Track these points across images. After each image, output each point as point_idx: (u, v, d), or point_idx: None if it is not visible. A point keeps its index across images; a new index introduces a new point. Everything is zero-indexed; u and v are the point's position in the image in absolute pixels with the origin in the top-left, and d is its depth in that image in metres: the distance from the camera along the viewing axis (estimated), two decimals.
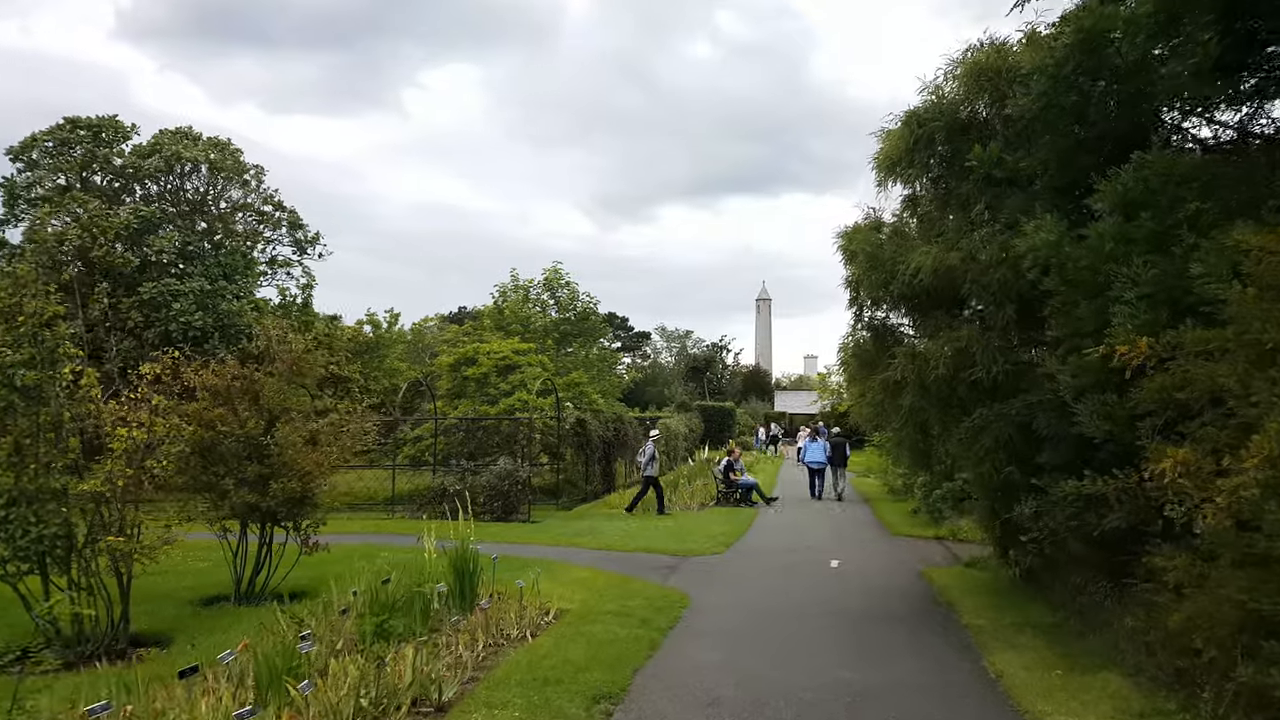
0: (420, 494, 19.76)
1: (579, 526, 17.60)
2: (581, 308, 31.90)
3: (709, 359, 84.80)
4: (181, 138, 28.36)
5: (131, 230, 24.41)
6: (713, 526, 17.66)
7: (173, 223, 26.30)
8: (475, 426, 21.56)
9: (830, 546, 15.20)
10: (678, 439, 34.60)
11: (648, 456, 20.65)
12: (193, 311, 23.83)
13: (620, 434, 25.06)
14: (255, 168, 30.46)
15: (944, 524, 17.05)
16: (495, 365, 23.17)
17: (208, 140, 28.53)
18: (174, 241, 24.78)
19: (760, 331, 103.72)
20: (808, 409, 64.79)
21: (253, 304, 27.00)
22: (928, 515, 18.17)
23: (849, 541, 15.98)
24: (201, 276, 25.53)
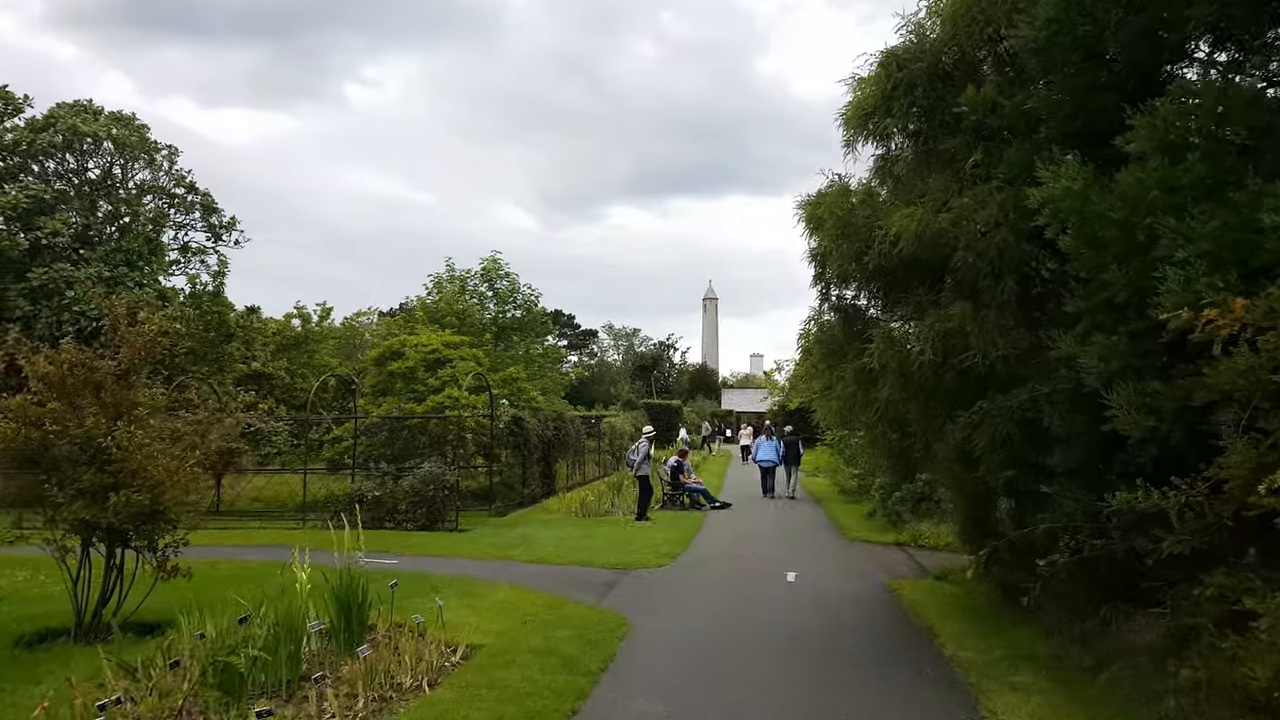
0: (336, 500, 17.91)
1: (512, 535, 15.98)
2: (523, 300, 30.18)
3: (656, 357, 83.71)
4: (80, 111, 25.91)
5: (21, 210, 21.98)
6: (657, 533, 16.20)
7: (70, 204, 23.82)
8: (400, 426, 19.76)
9: (784, 555, 13.85)
10: (623, 438, 33.11)
11: (641, 455, 19.14)
12: (88, 300, 21.53)
13: (561, 433, 23.46)
14: (168, 148, 28.13)
15: (904, 528, 15.87)
16: (423, 359, 21.36)
17: (110, 115, 26.09)
18: (68, 223, 22.40)
19: (707, 330, 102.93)
20: (755, 407, 63.99)
21: (159, 293, 24.69)
22: (885, 518, 16.99)
23: (804, 549, 14.65)
24: (101, 262, 23.23)
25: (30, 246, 22.92)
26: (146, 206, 27.76)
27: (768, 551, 14.34)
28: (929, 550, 14.32)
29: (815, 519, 19.09)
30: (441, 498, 17.22)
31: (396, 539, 15.71)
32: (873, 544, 15.19)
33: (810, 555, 13.93)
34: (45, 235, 22.00)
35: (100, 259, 23.11)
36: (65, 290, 21.39)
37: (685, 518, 18.77)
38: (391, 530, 16.93)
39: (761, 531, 17.11)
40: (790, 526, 17.87)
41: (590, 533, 16.27)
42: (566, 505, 19.83)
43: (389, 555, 14.25)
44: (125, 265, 23.49)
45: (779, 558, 13.59)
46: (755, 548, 14.79)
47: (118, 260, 23.47)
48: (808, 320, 9.36)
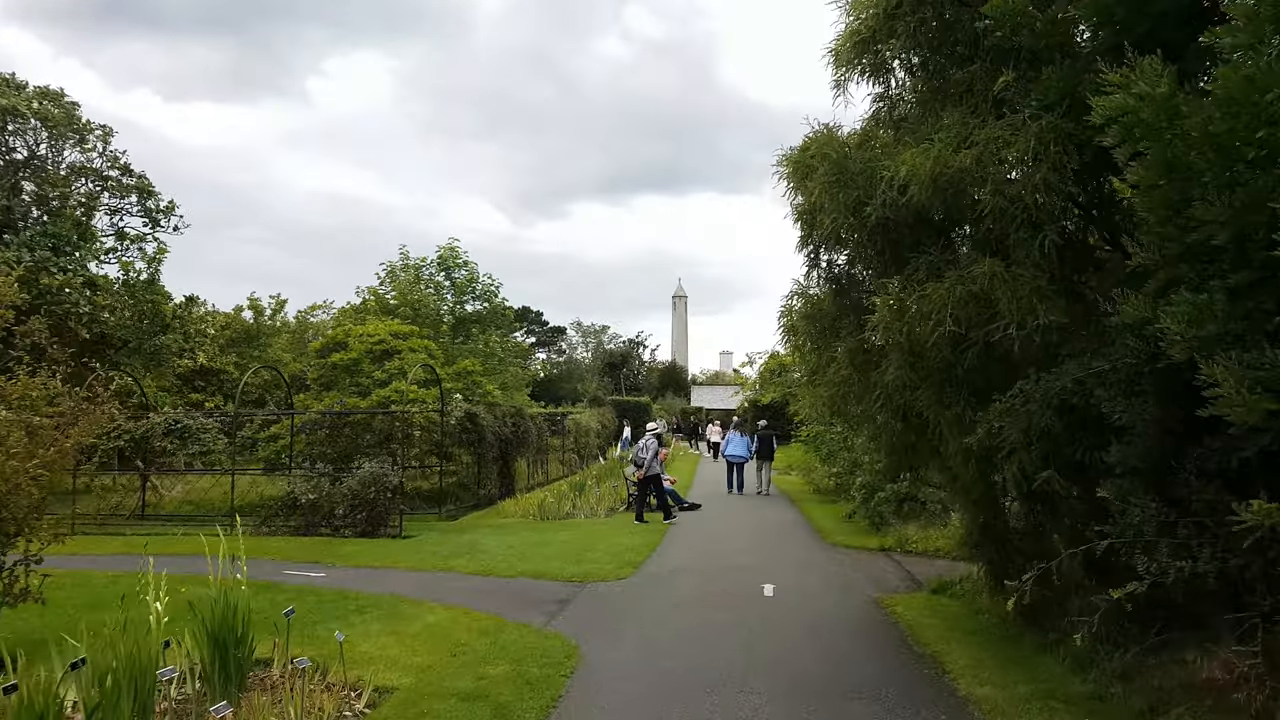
0: (268, 505, 16.28)
1: (459, 542, 14.46)
2: (483, 290, 28.57)
3: (625, 354, 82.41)
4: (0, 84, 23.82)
5: None
6: (621, 538, 14.78)
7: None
8: (341, 423, 18.14)
9: (760, 563, 12.50)
10: (588, 435, 31.67)
11: (650, 454, 17.82)
12: None
13: (521, 430, 21.94)
14: (101, 128, 26.10)
15: (887, 531, 14.62)
16: (368, 350, 19.74)
17: (37, 90, 24.04)
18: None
19: (676, 328, 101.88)
20: (724, 404, 62.91)
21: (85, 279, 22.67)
22: (867, 520, 15.74)
23: (781, 555, 13.31)
24: (24, 247, 21.23)
25: None
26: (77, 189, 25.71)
27: (742, 559, 12.98)
28: (918, 557, 13.06)
29: (791, 521, 17.79)
30: (383, 501, 15.66)
31: (330, 548, 14.16)
32: (855, 550, 13.90)
33: (788, 563, 12.59)
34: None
35: (23, 244, 21.12)
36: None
37: (652, 520, 17.37)
38: (327, 537, 15.36)
39: (734, 535, 15.76)
40: (765, 529, 16.54)
41: (547, 538, 14.81)
42: (524, 507, 18.35)
43: (318, 567, 12.72)
44: (50, 250, 21.52)
45: (754, 566, 12.23)
46: (728, 554, 13.43)
47: (42, 244, 21.49)
48: (790, 295, 8.01)
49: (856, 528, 15.85)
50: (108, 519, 17.76)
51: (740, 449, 24.06)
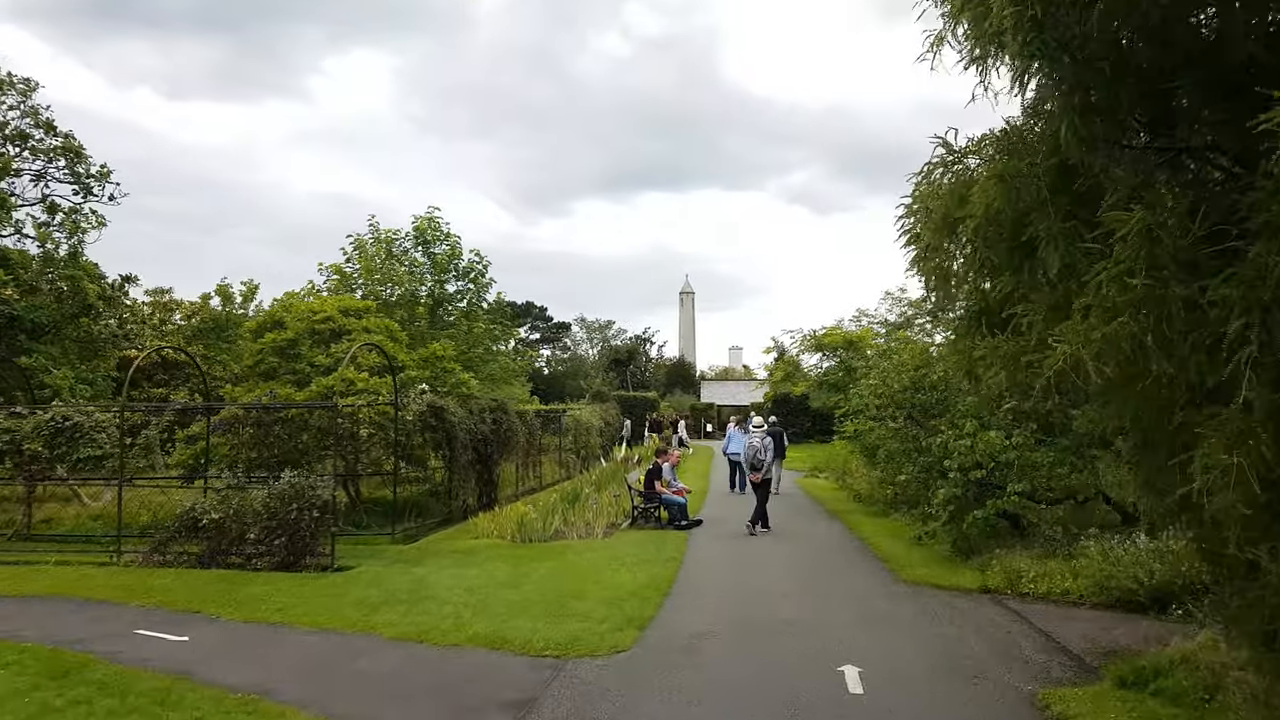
0: (164, 526, 12.47)
1: (402, 581, 10.66)
2: (467, 268, 24.67)
3: (632, 351, 78.65)
4: None
5: None
6: (620, 572, 10.93)
7: None
8: (270, 419, 14.34)
9: (822, 619, 8.64)
10: (590, 434, 27.86)
11: (771, 455, 14.98)
12: None
13: (503, 428, 18.13)
14: (24, 80, 22.35)
15: (984, 563, 10.76)
16: (310, 329, 15.95)
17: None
18: None
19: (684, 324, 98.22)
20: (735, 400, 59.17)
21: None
22: (949, 545, 11.88)
23: (848, 603, 9.45)
24: None
25: None
26: None
27: (792, 608, 9.12)
28: (1043, 604, 9.21)
29: (841, 542, 13.93)
30: (308, 522, 11.85)
31: (228, 588, 10.40)
32: (948, 591, 10.03)
33: (863, 619, 8.73)
34: None
35: None
36: None
37: (661, 542, 13.54)
38: (236, 569, 11.59)
39: (772, 564, 11.91)
40: (812, 556, 12.69)
41: (522, 572, 10.98)
42: (502, 523, 14.52)
43: (195, 621, 9.02)
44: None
45: (815, 624, 8.39)
46: (770, 598, 9.58)
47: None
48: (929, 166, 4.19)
49: (934, 555, 11.99)
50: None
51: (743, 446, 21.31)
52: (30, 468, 13.88)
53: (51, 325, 20.47)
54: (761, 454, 14.78)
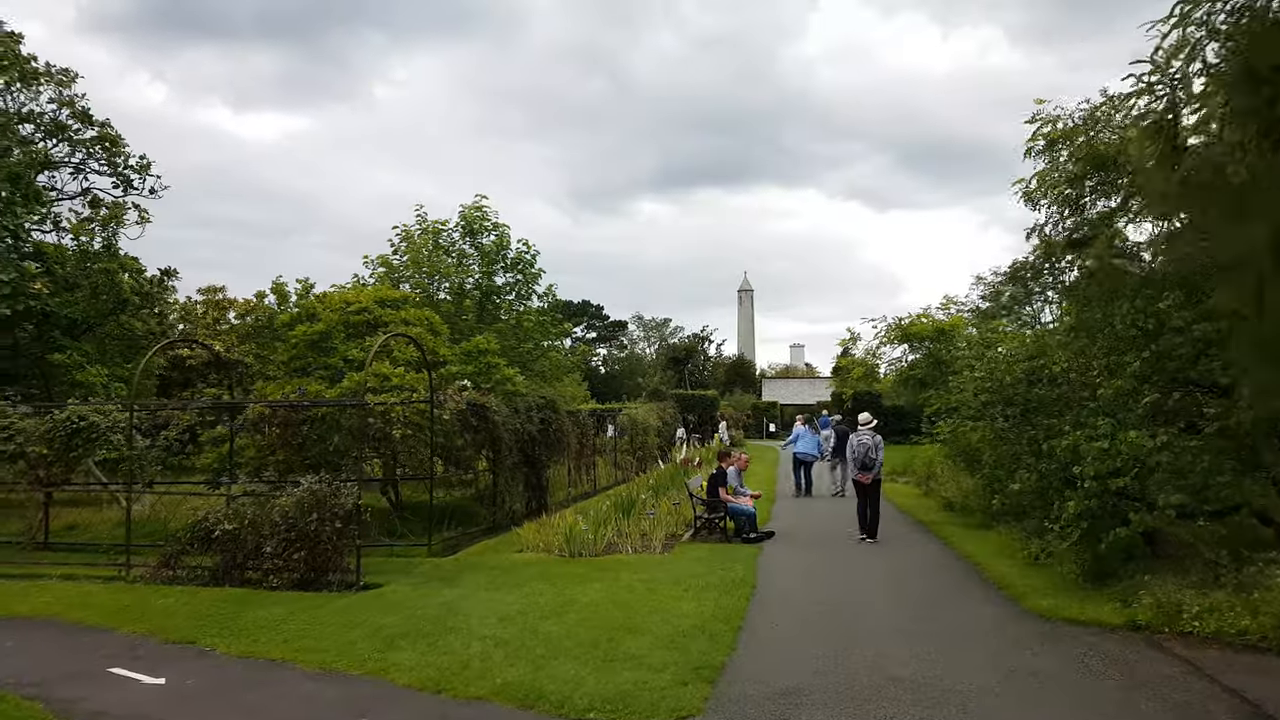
0: (176, 538, 11.24)
1: (430, 606, 9.20)
2: (515, 258, 23.28)
3: (690, 349, 76.91)
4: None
5: None
6: (682, 599, 9.29)
7: None
8: (298, 418, 13.08)
9: (944, 673, 6.85)
10: (646, 434, 26.27)
11: (881, 455, 13.73)
12: None
13: (552, 428, 16.67)
14: (61, 71, 21.68)
15: (1125, 589, 8.83)
16: (343, 321, 14.69)
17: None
18: None
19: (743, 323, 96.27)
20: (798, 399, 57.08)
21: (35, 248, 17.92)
22: (1076, 568, 9.93)
23: (970, 648, 7.62)
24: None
25: None
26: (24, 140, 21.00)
27: (902, 653, 7.35)
28: (1221, 648, 7.29)
29: (942, 561, 12.04)
30: (331, 534, 10.49)
31: (235, 610, 9.11)
32: (1087, 628, 8.15)
33: (997, 673, 6.90)
34: None
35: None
36: None
37: (728, 558, 11.87)
38: (248, 588, 10.29)
39: (862, 590, 10.13)
40: (910, 579, 10.86)
41: (567, 597, 9.42)
42: (549, 535, 13.00)
43: (185, 654, 7.73)
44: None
45: (936, 682, 6.60)
46: (872, 640, 7.81)
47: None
48: None
49: (1056, 579, 10.06)
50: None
51: (810, 446, 20.60)
52: (38, 471, 12.87)
53: (86, 322, 19.69)
54: (873, 452, 13.36)
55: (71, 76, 21.68)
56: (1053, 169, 10.20)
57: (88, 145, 22.18)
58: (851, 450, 13.87)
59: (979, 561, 11.58)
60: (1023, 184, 12.02)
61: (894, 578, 10.85)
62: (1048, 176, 10.26)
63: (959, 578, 10.81)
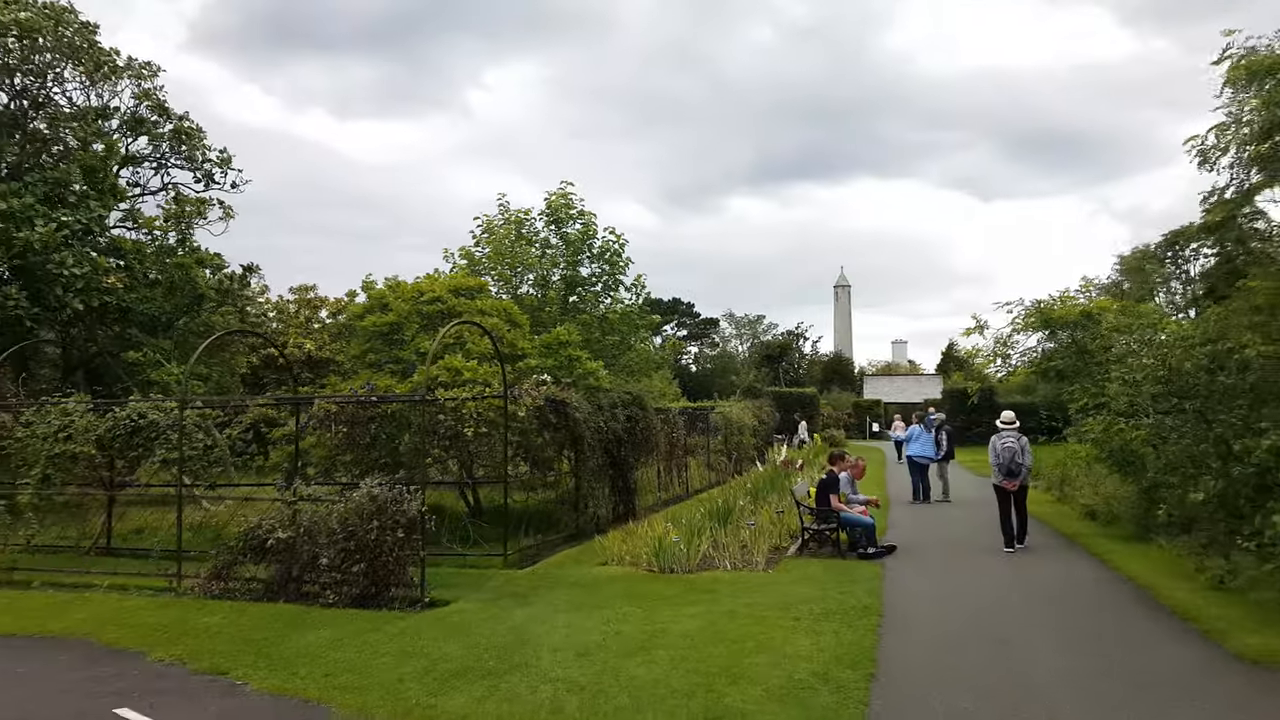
0: (230, 546, 10.28)
1: (499, 629, 7.92)
2: (602, 248, 22.01)
3: (784, 346, 74.50)
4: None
5: None
6: (795, 633, 7.70)
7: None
8: (364, 415, 12.06)
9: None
10: (741, 433, 24.63)
11: (1029, 459, 12.41)
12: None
13: (639, 426, 15.26)
14: (144, 65, 21.52)
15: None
16: (416, 310, 13.64)
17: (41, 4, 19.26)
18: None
19: (839, 319, 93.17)
20: (902, 396, 54.33)
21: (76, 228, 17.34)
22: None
23: (1178, 709, 5.81)
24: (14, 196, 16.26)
25: None
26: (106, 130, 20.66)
27: (1087, 718, 5.61)
28: None
29: (1103, 584, 10.03)
30: (392, 544, 9.32)
31: (283, 632, 8.07)
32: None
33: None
34: None
35: (12, 192, 16.34)
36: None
37: (845, 578, 10.20)
38: (303, 605, 9.23)
39: (1017, 621, 8.32)
40: (1069, 606, 8.97)
41: (659, 623, 7.97)
42: (636, 545, 11.57)
43: (221, 684, 6.63)
44: (42, 199, 16.72)
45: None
46: (1042, 696, 6.08)
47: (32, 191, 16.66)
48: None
49: (1255, 608, 8.04)
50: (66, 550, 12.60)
51: (926, 448, 18.69)
52: (100, 472, 12.23)
53: (164, 318, 19.35)
54: (1019, 456, 11.79)
55: (153, 70, 21.46)
56: (1269, 103, 8.19)
57: (168, 140, 21.95)
58: (995, 454, 12.05)
59: (1148, 584, 9.58)
60: (1196, 141, 10.05)
61: (1050, 604, 8.99)
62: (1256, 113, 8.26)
63: (1129, 605, 8.86)
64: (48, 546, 12.63)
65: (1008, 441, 11.88)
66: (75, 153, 18.94)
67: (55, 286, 15.92)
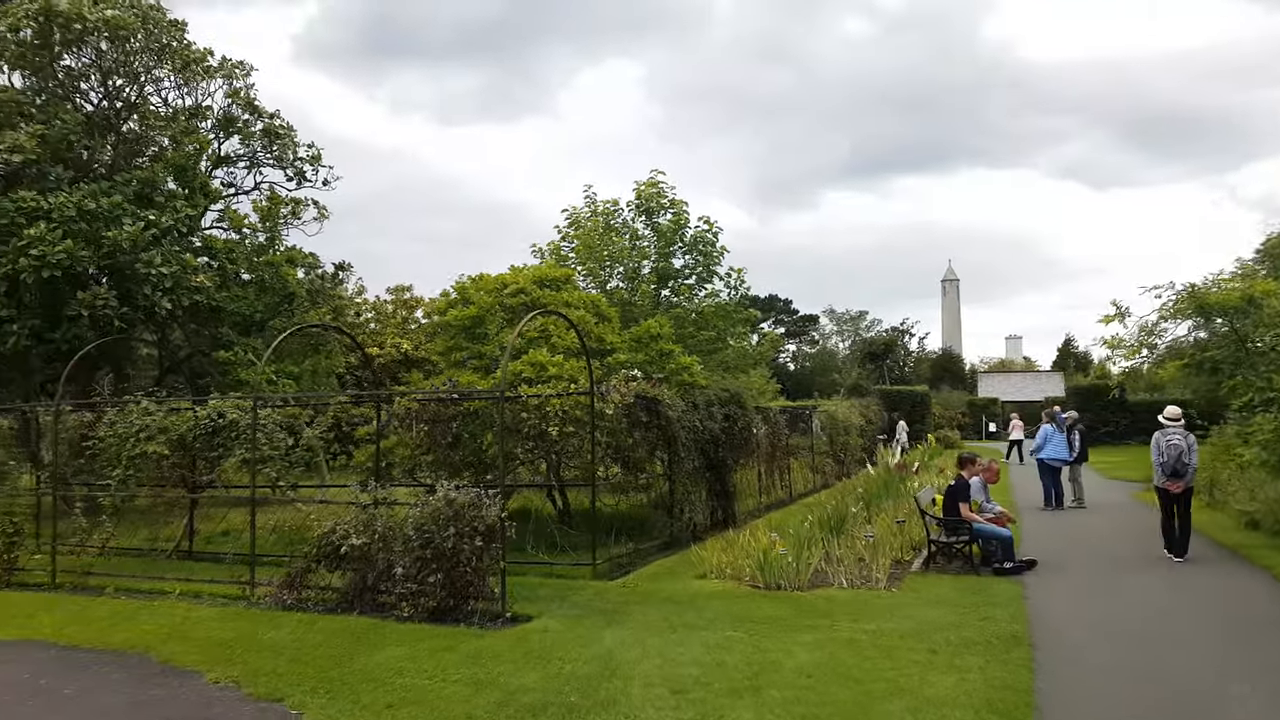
0: (304, 552, 9.67)
1: (586, 655, 6.97)
2: (695, 238, 20.94)
3: (888, 343, 71.71)
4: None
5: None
6: (932, 670, 6.43)
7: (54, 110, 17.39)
8: (446, 413, 11.35)
9: None
10: (848, 434, 23.11)
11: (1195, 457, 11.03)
12: (55, 239, 14.99)
13: (738, 426, 14.12)
14: (236, 64, 21.54)
15: None
16: (498, 303, 12.89)
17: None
18: (33, 140, 15.93)
19: (947, 314, 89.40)
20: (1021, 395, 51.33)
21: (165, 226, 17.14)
22: None
23: None
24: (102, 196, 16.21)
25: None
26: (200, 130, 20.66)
27: None
28: None
29: None
30: (470, 552, 8.49)
31: (350, 649, 7.34)
32: None
33: None
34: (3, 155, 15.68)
35: (102, 192, 16.39)
36: (25, 228, 14.93)
37: (983, 599, 8.84)
38: (376, 618, 8.51)
39: (1198, 655, 6.85)
40: (1258, 639, 7.39)
41: (768, 654, 6.84)
42: (737, 557, 10.43)
43: (275, 711, 5.85)
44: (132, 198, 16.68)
45: None
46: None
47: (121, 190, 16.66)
48: None
49: None
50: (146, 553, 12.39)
51: (1059, 449, 17.02)
52: (181, 473, 11.93)
53: (256, 318, 19.27)
54: (1186, 455, 10.43)
55: (246, 70, 21.43)
56: None
57: (259, 138, 21.89)
58: (1159, 452, 10.52)
59: None
60: None
61: (1227, 632, 7.46)
62: None
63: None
64: (132, 550, 12.45)
65: (1173, 439, 10.37)
66: (166, 153, 19.05)
67: (144, 286, 15.90)
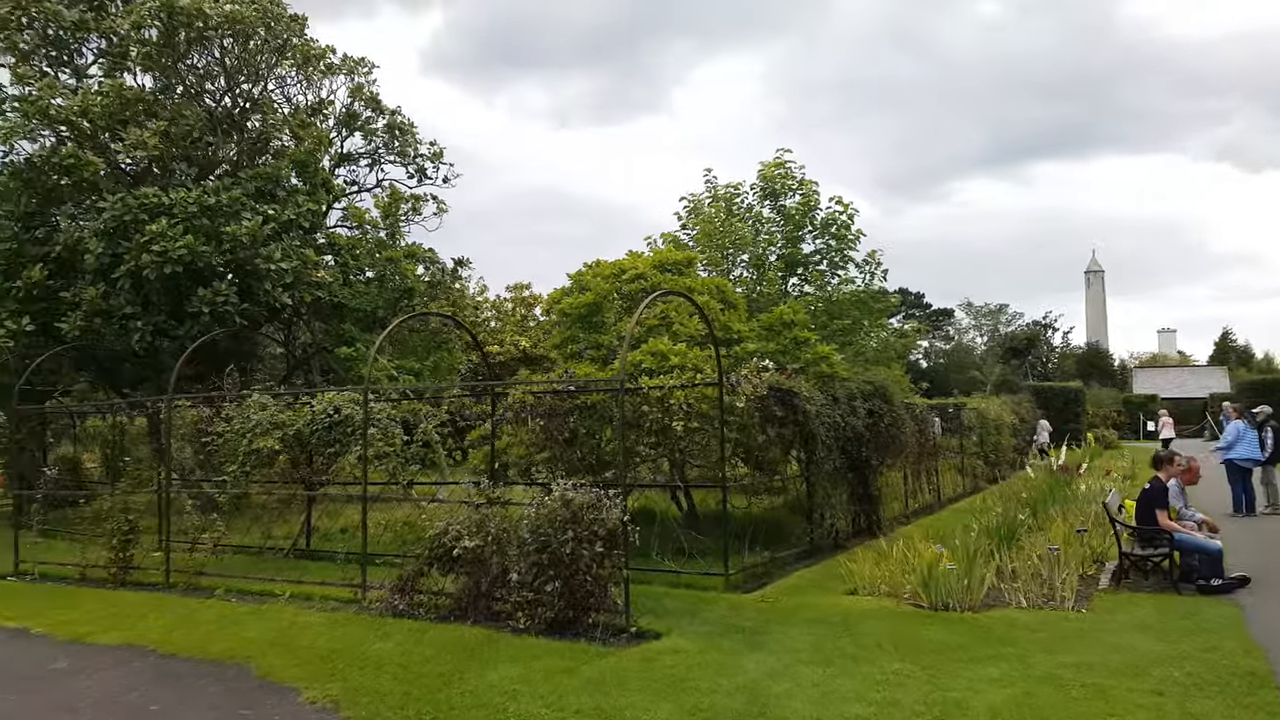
0: (416, 554, 9.04)
1: (724, 686, 5.94)
2: (825, 220, 19.51)
3: (1030, 338, 67.26)
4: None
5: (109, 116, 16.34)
6: (1161, 718, 5.06)
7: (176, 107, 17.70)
8: (564, 406, 10.56)
9: None
10: (999, 433, 21.12)
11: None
12: (176, 235, 15.13)
13: (884, 423, 12.74)
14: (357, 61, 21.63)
15: None
16: (616, 290, 12.02)
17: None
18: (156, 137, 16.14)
19: (1092, 307, 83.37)
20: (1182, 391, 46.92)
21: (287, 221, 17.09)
22: None
23: None
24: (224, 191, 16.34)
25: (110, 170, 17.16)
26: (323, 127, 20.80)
27: None
28: None
29: None
30: (590, 559, 7.60)
31: (459, 665, 6.65)
32: None
33: None
34: (126, 152, 16.01)
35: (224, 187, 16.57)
36: (146, 224, 15.13)
37: (1193, 622, 7.32)
38: (490, 628, 7.76)
39: None
40: None
41: (948, 692, 5.60)
42: (892, 570, 9.13)
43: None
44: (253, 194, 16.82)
45: None
46: None
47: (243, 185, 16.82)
48: None
49: None
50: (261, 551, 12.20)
51: (1251, 449, 15.06)
52: (298, 470, 11.62)
53: (378, 313, 19.20)
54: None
55: (368, 67, 21.49)
56: None
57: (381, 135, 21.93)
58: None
59: None
60: None
61: None
62: None
63: None
64: (250, 547, 12.28)
65: None
66: (288, 150, 19.24)
67: (265, 281, 15.94)
